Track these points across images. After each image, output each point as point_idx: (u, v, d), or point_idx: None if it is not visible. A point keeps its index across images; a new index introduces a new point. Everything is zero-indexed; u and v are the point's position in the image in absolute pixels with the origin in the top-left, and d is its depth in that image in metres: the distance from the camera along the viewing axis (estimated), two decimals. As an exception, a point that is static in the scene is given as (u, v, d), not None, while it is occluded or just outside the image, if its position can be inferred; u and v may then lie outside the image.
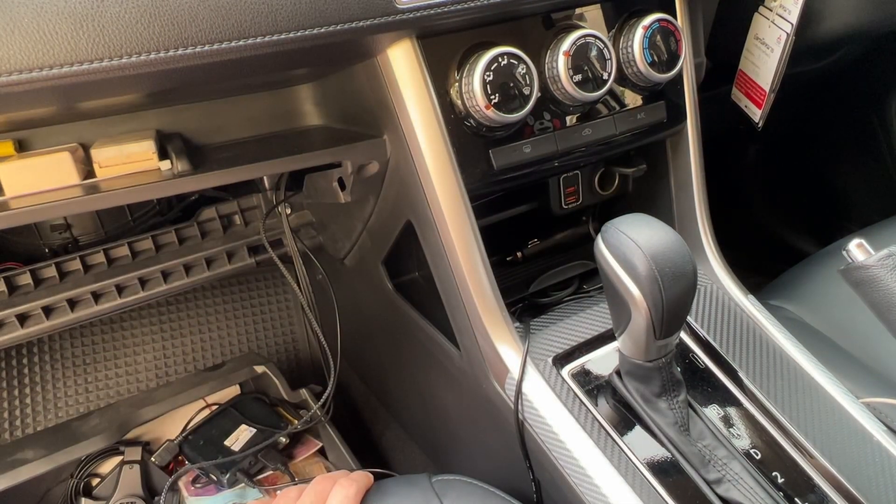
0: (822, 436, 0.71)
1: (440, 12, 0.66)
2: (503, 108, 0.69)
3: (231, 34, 0.58)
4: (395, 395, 1.26)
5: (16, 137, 0.73)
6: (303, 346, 1.51)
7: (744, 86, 1.00)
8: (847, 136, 1.55)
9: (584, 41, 0.72)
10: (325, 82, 0.83)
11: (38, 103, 0.62)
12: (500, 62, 0.69)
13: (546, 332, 0.80)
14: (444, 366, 0.89)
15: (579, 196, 0.92)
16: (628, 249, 0.59)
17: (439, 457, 1.17)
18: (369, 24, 0.63)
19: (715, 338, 0.79)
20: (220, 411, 1.13)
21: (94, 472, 1.08)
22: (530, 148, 0.76)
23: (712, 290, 0.85)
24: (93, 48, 0.53)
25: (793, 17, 0.88)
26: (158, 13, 0.55)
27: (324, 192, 0.96)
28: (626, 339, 0.65)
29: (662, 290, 0.58)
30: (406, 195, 0.78)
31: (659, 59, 0.77)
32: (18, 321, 0.96)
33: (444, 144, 0.72)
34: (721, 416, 0.72)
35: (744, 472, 0.66)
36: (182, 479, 1.06)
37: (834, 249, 1.07)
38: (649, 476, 0.66)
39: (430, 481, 0.74)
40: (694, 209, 0.89)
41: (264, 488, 1.03)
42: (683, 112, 0.86)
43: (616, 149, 0.85)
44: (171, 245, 1.07)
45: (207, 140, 0.82)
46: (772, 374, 0.76)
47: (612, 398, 0.72)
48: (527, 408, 0.73)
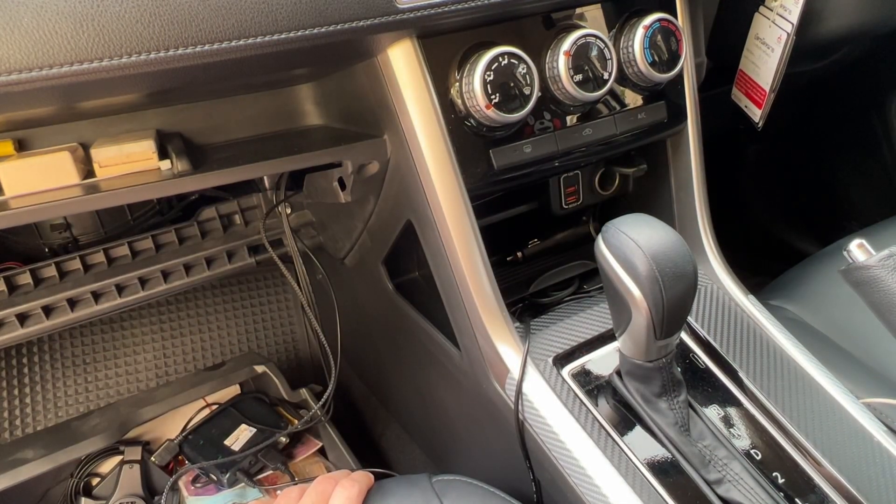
0: (823, 436, 0.71)
1: (440, 12, 0.66)
2: (503, 108, 0.69)
3: (231, 34, 0.58)
4: (395, 395, 1.26)
5: (16, 137, 0.73)
6: (303, 346, 1.51)
7: (744, 86, 1.00)
8: (847, 136, 1.55)
9: (584, 41, 0.72)
10: (325, 82, 0.83)
11: (38, 103, 0.62)
12: (501, 62, 0.69)
13: (546, 332, 0.79)
14: (445, 366, 0.89)
15: (580, 196, 0.92)
16: (629, 249, 0.59)
17: (439, 457, 1.17)
18: (369, 23, 0.63)
19: (715, 338, 0.79)
20: (220, 411, 1.13)
21: (94, 471, 1.08)
22: (531, 148, 0.76)
23: (713, 290, 0.85)
24: (93, 48, 0.53)
25: (793, 16, 0.88)
26: (159, 13, 0.55)
27: (324, 192, 0.96)
28: (627, 339, 0.65)
29: (663, 290, 0.58)
30: (406, 195, 0.78)
31: (659, 58, 0.77)
32: (18, 321, 0.96)
33: (445, 144, 0.72)
34: (721, 416, 0.72)
35: (744, 473, 0.66)
36: (182, 479, 1.06)
37: (834, 250, 1.07)
38: (649, 476, 0.66)
39: (431, 481, 0.74)
40: (694, 209, 0.89)
41: (264, 488, 1.03)
42: (684, 112, 0.86)
43: (616, 149, 0.84)
44: (171, 245, 1.07)
45: (207, 140, 0.81)
46: (772, 374, 0.76)
47: (612, 398, 0.72)
48: (527, 408, 0.73)
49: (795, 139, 1.63)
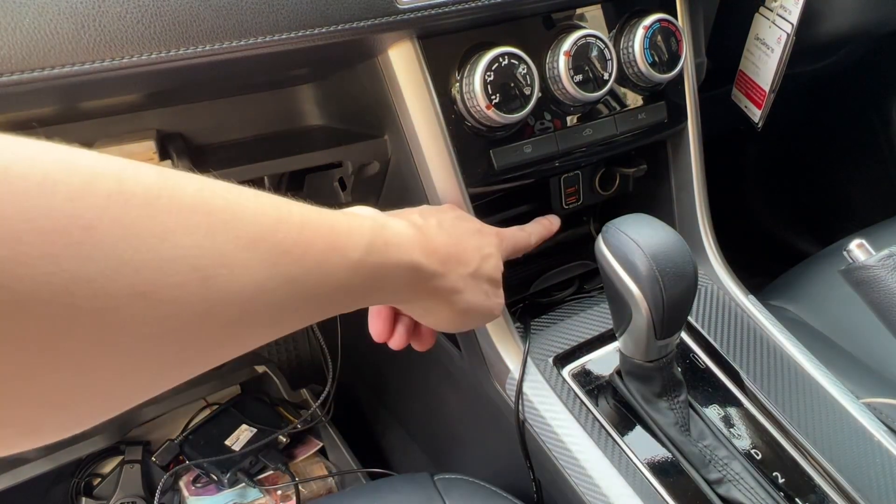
0: (823, 436, 0.71)
1: (441, 12, 0.66)
2: (504, 109, 0.69)
3: (232, 33, 0.58)
4: (395, 395, 1.26)
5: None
6: (303, 346, 1.50)
7: (744, 86, 1.00)
8: (848, 137, 1.55)
9: (584, 41, 0.72)
10: (326, 82, 0.83)
11: (40, 103, 0.62)
12: (501, 62, 0.69)
13: (547, 332, 0.80)
14: (445, 366, 0.89)
15: (580, 196, 0.92)
16: (629, 249, 0.59)
17: (440, 457, 1.17)
18: (370, 24, 0.63)
19: (716, 338, 0.79)
20: (221, 411, 1.13)
21: (94, 471, 1.08)
22: (531, 148, 0.76)
23: (713, 290, 0.85)
24: (94, 48, 0.53)
25: (793, 17, 0.88)
26: (160, 12, 0.55)
27: (325, 192, 0.96)
28: (627, 339, 0.65)
29: (663, 290, 0.58)
30: (407, 195, 0.78)
31: (660, 59, 0.77)
32: (19, 321, 0.96)
33: (445, 144, 0.72)
34: (722, 416, 0.72)
35: (744, 473, 0.66)
36: (182, 479, 1.06)
37: (835, 250, 1.06)
38: (650, 476, 0.66)
39: (433, 480, 0.74)
40: (694, 209, 0.89)
41: (264, 488, 1.03)
42: (684, 112, 0.86)
43: (617, 149, 0.85)
44: (171, 245, 1.07)
45: (208, 140, 0.81)
46: (772, 374, 0.76)
47: (612, 398, 0.72)
48: (527, 408, 0.73)
49: (796, 139, 1.64)
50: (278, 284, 0.37)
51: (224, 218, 0.35)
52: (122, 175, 0.30)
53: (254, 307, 0.36)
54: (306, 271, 0.39)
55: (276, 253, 0.37)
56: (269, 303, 0.37)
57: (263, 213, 0.38)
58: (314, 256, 0.40)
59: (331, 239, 0.42)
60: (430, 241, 0.53)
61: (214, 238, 0.33)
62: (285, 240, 0.38)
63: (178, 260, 0.31)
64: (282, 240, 0.38)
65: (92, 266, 0.27)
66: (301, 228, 0.40)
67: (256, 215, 0.37)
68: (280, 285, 0.37)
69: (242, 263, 0.35)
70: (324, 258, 0.41)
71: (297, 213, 0.40)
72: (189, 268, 0.32)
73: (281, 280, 0.37)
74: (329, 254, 0.41)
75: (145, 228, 0.30)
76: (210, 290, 0.33)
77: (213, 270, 0.33)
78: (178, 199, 0.32)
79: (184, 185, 0.34)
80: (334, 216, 0.44)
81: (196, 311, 0.32)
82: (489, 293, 0.61)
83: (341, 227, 0.44)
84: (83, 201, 0.28)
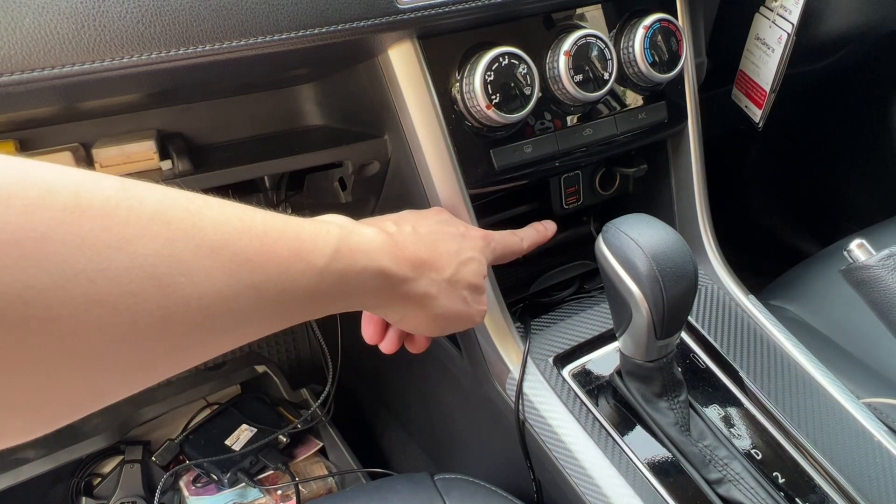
0: (823, 436, 0.71)
1: (441, 12, 0.66)
2: (504, 108, 0.69)
3: (232, 33, 0.58)
4: (395, 395, 1.27)
5: (17, 137, 0.73)
6: (303, 346, 1.50)
7: (744, 86, 1.00)
8: (848, 136, 1.55)
9: (584, 41, 0.72)
10: (326, 82, 0.83)
11: (40, 103, 0.62)
12: (501, 62, 0.69)
13: (547, 332, 0.80)
14: (445, 366, 0.89)
15: (580, 196, 0.92)
16: (629, 249, 0.59)
17: (440, 457, 1.17)
18: (370, 23, 0.63)
19: (716, 338, 0.79)
20: (221, 411, 1.13)
21: (95, 471, 1.08)
22: (531, 148, 0.76)
23: (713, 290, 0.86)
24: (94, 48, 0.53)
25: (793, 17, 0.88)
26: (160, 12, 0.55)
27: (325, 192, 0.96)
28: (627, 339, 0.66)
29: (663, 290, 0.58)
30: (407, 195, 0.78)
31: (660, 59, 0.77)
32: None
33: (445, 144, 0.72)
34: (722, 416, 0.72)
35: (744, 473, 0.66)
36: (183, 479, 1.06)
37: (835, 250, 1.06)
38: (650, 476, 0.66)
39: (433, 480, 0.74)
40: (695, 209, 0.89)
41: (265, 488, 1.03)
42: (684, 112, 0.86)
43: (617, 149, 0.85)
44: (171, 245, 1.07)
45: (208, 140, 0.81)
46: (773, 374, 0.76)
47: (612, 398, 0.72)
48: (527, 408, 0.73)
49: (796, 139, 1.63)
50: (240, 291, 0.38)
51: (184, 227, 0.35)
52: (80, 188, 0.31)
53: (216, 313, 0.37)
54: (269, 278, 0.40)
55: (238, 261, 0.38)
56: (232, 309, 0.38)
57: (226, 221, 0.38)
58: (278, 264, 0.41)
59: (295, 246, 0.43)
60: (400, 246, 0.54)
61: (174, 247, 0.34)
62: (248, 247, 0.39)
63: (135, 269, 0.32)
64: (244, 247, 0.39)
65: (44, 276, 0.28)
66: (264, 236, 0.40)
67: (219, 224, 0.38)
68: (242, 291, 0.38)
69: (203, 271, 0.36)
70: (288, 265, 0.42)
71: (261, 221, 0.41)
72: (146, 276, 0.32)
73: (242, 287, 0.38)
74: (293, 261, 0.42)
75: (100, 239, 0.31)
76: (168, 298, 0.33)
77: (172, 279, 0.34)
78: (136, 209, 0.33)
79: (143, 195, 0.35)
80: (300, 224, 0.45)
81: (155, 317, 0.33)
82: (468, 299, 0.60)
83: (307, 234, 0.44)
84: (37, 214, 0.29)
